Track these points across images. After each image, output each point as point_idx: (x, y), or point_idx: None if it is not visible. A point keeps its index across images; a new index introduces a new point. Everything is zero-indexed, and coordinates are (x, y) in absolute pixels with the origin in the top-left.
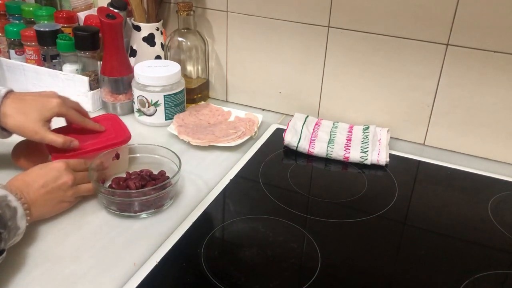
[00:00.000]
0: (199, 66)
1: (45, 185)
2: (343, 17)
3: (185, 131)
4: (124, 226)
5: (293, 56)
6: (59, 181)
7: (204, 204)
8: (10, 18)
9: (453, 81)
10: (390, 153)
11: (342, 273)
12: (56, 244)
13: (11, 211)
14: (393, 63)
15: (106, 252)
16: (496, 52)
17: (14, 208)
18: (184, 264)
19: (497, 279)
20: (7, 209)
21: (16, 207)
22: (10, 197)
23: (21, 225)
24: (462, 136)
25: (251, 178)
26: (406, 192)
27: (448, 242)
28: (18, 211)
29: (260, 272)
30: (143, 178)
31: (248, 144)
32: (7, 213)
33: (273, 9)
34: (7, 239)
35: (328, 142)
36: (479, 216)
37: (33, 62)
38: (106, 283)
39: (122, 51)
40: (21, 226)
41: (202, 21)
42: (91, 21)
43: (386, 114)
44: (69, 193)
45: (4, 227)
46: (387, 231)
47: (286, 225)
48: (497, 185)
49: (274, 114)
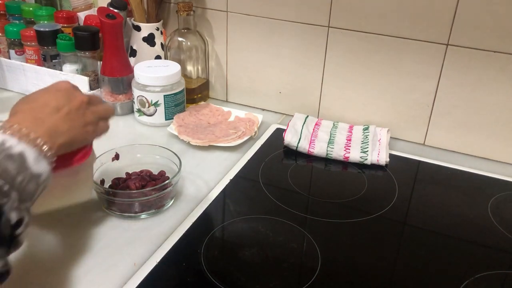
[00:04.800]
0: (199, 66)
1: (59, 107)
2: (343, 17)
3: (185, 131)
4: (124, 226)
5: (293, 56)
6: (74, 100)
7: (204, 204)
8: (10, 18)
9: (453, 81)
10: (390, 153)
11: (342, 273)
12: (56, 244)
13: (15, 162)
14: (393, 63)
15: (106, 252)
16: (496, 52)
17: (20, 154)
18: (184, 264)
19: (497, 279)
20: (9, 161)
21: (23, 152)
22: (9, 141)
23: (42, 169)
24: (462, 136)
25: (251, 178)
26: (406, 192)
27: (448, 242)
28: (27, 155)
29: (260, 272)
30: (143, 179)
31: (248, 144)
32: (9, 168)
33: (273, 9)
34: (24, 199)
35: (328, 142)
36: (479, 216)
37: (33, 62)
38: (106, 283)
39: (122, 51)
40: (43, 170)
41: (202, 21)
42: (91, 21)
43: (386, 114)
44: (89, 113)
45: (7, 193)
46: (387, 231)
47: (286, 225)
48: (497, 185)
49: (274, 114)
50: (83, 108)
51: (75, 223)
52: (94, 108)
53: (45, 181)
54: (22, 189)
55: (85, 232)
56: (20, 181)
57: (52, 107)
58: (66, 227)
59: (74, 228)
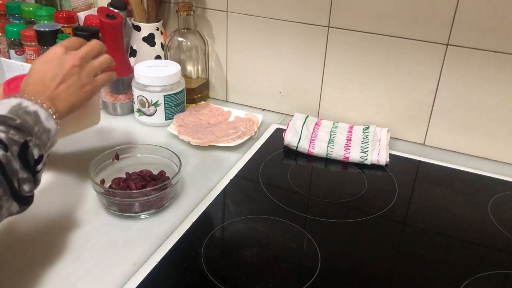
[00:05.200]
0: (199, 66)
1: (55, 78)
2: (343, 17)
3: (185, 131)
4: (124, 226)
5: (293, 56)
6: (66, 67)
7: (204, 204)
8: (10, 18)
9: (453, 81)
10: (390, 153)
11: (342, 273)
12: (56, 244)
13: (32, 116)
14: (393, 63)
15: (106, 252)
16: (496, 52)
17: (35, 112)
18: (184, 264)
19: (497, 279)
20: (27, 115)
21: (37, 111)
22: (25, 103)
23: (51, 126)
24: (462, 136)
25: (251, 178)
26: (406, 192)
27: (448, 242)
28: (40, 113)
29: (260, 272)
30: (143, 179)
31: (248, 144)
32: (28, 120)
33: (273, 9)
34: (41, 144)
35: (328, 142)
36: (479, 216)
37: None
38: (106, 283)
39: (122, 51)
40: (52, 127)
41: (202, 21)
42: (91, 21)
43: (386, 114)
44: (84, 74)
45: (30, 134)
46: (387, 231)
47: (286, 225)
48: (497, 185)
49: (274, 114)
50: (77, 72)
51: (75, 223)
52: (89, 67)
53: (53, 137)
54: (38, 137)
55: (85, 232)
56: (36, 131)
57: (48, 79)
58: (66, 227)
59: (74, 228)
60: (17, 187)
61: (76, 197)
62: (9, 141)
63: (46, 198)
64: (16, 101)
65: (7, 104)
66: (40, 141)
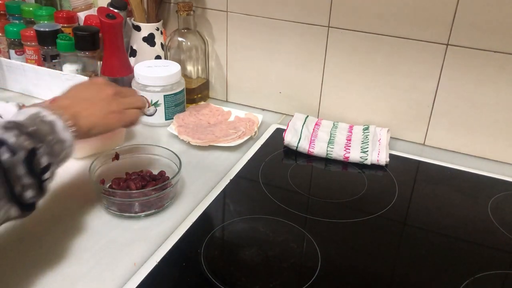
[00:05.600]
0: (199, 66)
1: (87, 98)
2: (343, 17)
3: (185, 131)
4: (124, 226)
5: (293, 56)
6: (102, 93)
7: (204, 204)
8: (10, 18)
9: (453, 81)
10: (390, 153)
11: (342, 273)
12: (56, 244)
13: (47, 125)
14: (393, 63)
15: (106, 252)
16: (496, 52)
17: (50, 122)
18: (184, 264)
19: (497, 279)
20: (43, 124)
21: (53, 121)
22: (43, 112)
23: (67, 137)
24: (462, 136)
25: (251, 178)
26: (406, 192)
27: (448, 242)
28: (56, 123)
29: (260, 272)
30: (143, 179)
31: (248, 144)
32: (43, 128)
33: (273, 9)
34: (52, 153)
35: (328, 142)
36: (479, 216)
37: (33, 62)
38: (106, 283)
39: (122, 51)
40: (67, 138)
41: (202, 21)
42: (91, 21)
43: (386, 114)
44: (115, 103)
45: (41, 141)
46: (387, 231)
47: (286, 225)
48: (497, 185)
49: (274, 114)
50: (109, 99)
51: (75, 223)
52: (122, 99)
53: (68, 148)
54: (51, 146)
55: (85, 232)
56: (50, 140)
57: (81, 98)
58: (66, 227)
59: (74, 228)
60: (19, 192)
61: (76, 197)
62: (18, 146)
63: (46, 198)
64: (35, 110)
65: (27, 113)
66: (51, 150)
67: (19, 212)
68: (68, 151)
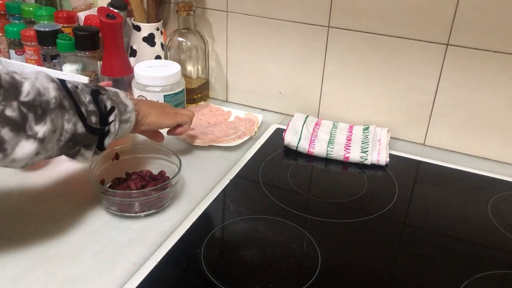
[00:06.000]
0: (199, 66)
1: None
2: (343, 17)
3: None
4: (124, 226)
5: (293, 56)
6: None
7: (204, 204)
8: (10, 18)
9: (453, 81)
10: (390, 153)
11: (342, 273)
12: (56, 244)
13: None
14: (393, 63)
15: (106, 252)
16: (496, 52)
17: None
18: (184, 264)
19: (497, 279)
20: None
21: (117, 91)
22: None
23: (128, 103)
24: (462, 136)
25: (251, 178)
26: (406, 192)
27: (448, 242)
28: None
29: (260, 272)
30: (143, 179)
31: (248, 144)
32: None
33: (273, 9)
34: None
35: (328, 142)
36: (479, 216)
37: (33, 62)
38: (106, 283)
39: (122, 51)
40: (129, 104)
41: (202, 21)
42: (91, 21)
43: (386, 114)
44: (171, 109)
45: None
46: (387, 231)
47: (286, 225)
48: (497, 185)
49: (274, 114)
50: (165, 106)
51: (75, 223)
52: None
53: (130, 113)
54: (114, 101)
55: (85, 232)
56: (114, 99)
57: (154, 105)
58: (66, 227)
59: (74, 228)
60: (85, 113)
61: (76, 197)
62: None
63: (46, 198)
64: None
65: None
66: (114, 102)
67: (84, 131)
68: (130, 116)
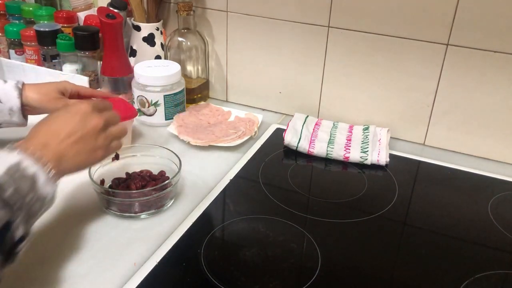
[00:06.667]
0: (199, 66)
1: (72, 134)
2: (343, 17)
3: (185, 131)
4: (124, 226)
5: (293, 56)
6: (88, 126)
7: (204, 204)
8: (10, 18)
9: (453, 81)
10: (390, 153)
11: (342, 273)
12: (56, 244)
13: (28, 182)
14: (393, 63)
15: (106, 252)
16: (496, 52)
17: (33, 176)
18: (184, 264)
19: (497, 279)
20: (23, 180)
21: (35, 174)
22: (25, 162)
23: (48, 191)
24: (462, 136)
25: (251, 178)
26: (406, 192)
27: (448, 242)
28: (38, 177)
29: (260, 272)
30: (143, 179)
31: (248, 144)
32: (23, 186)
33: (273, 9)
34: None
35: (328, 142)
36: (479, 216)
37: (33, 62)
38: (106, 283)
39: (122, 51)
40: (48, 192)
41: (202, 21)
42: (91, 21)
43: (386, 114)
44: (101, 138)
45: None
46: (387, 231)
47: (286, 225)
48: (497, 185)
49: (274, 114)
50: (96, 134)
51: (75, 223)
52: (109, 132)
53: (49, 202)
54: (29, 208)
55: (85, 232)
56: (29, 201)
57: (65, 133)
58: (66, 227)
59: (74, 228)
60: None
61: (76, 197)
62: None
63: None
64: (16, 159)
65: (6, 162)
66: (29, 212)
67: None
68: (49, 205)
